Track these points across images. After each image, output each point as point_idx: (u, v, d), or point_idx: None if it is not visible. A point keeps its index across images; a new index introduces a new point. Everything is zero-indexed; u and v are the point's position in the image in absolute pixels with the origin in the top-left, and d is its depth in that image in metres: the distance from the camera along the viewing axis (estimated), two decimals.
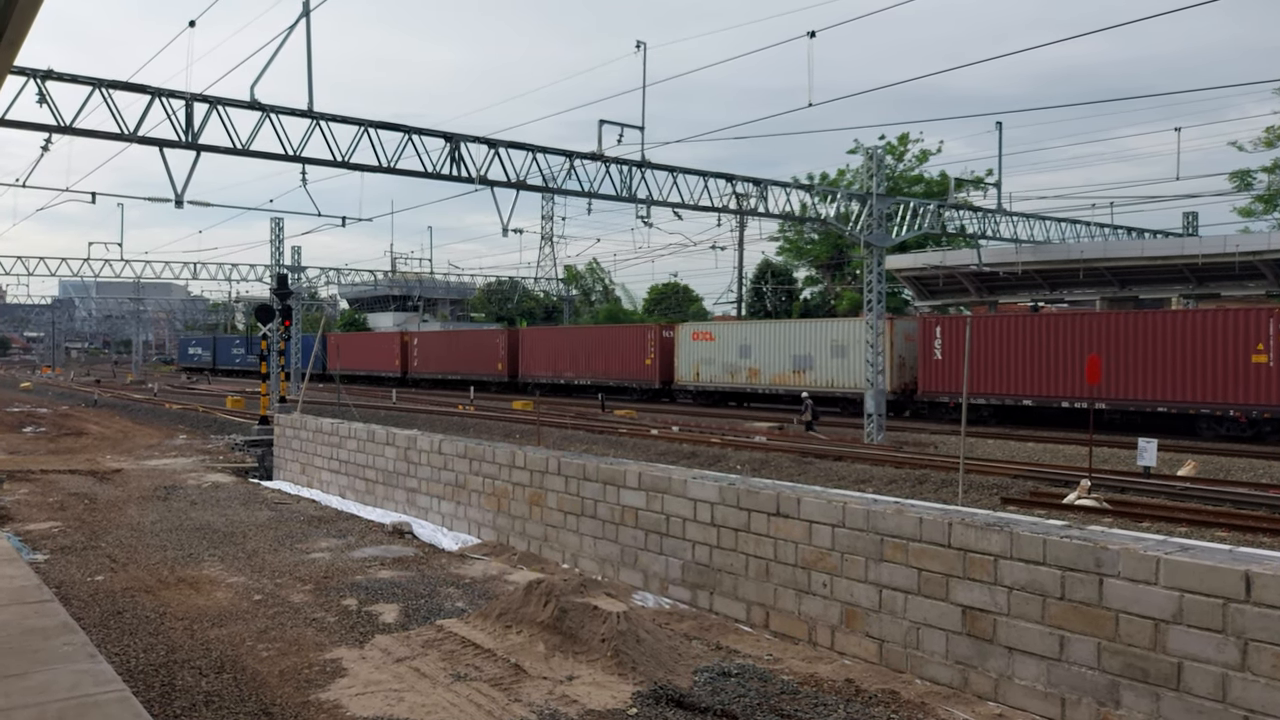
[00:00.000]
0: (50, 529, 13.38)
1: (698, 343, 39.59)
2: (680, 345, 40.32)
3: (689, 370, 39.89)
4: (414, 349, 58.42)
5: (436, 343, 57.88)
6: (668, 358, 41.54)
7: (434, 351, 56.88)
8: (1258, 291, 33.96)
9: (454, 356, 54.90)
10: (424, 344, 58.28)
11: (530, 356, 49.00)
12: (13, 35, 6.54)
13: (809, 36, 21.50)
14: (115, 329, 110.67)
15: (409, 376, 58.40)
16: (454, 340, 57.11)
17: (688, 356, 39.86)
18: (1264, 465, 20.91)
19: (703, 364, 39.23)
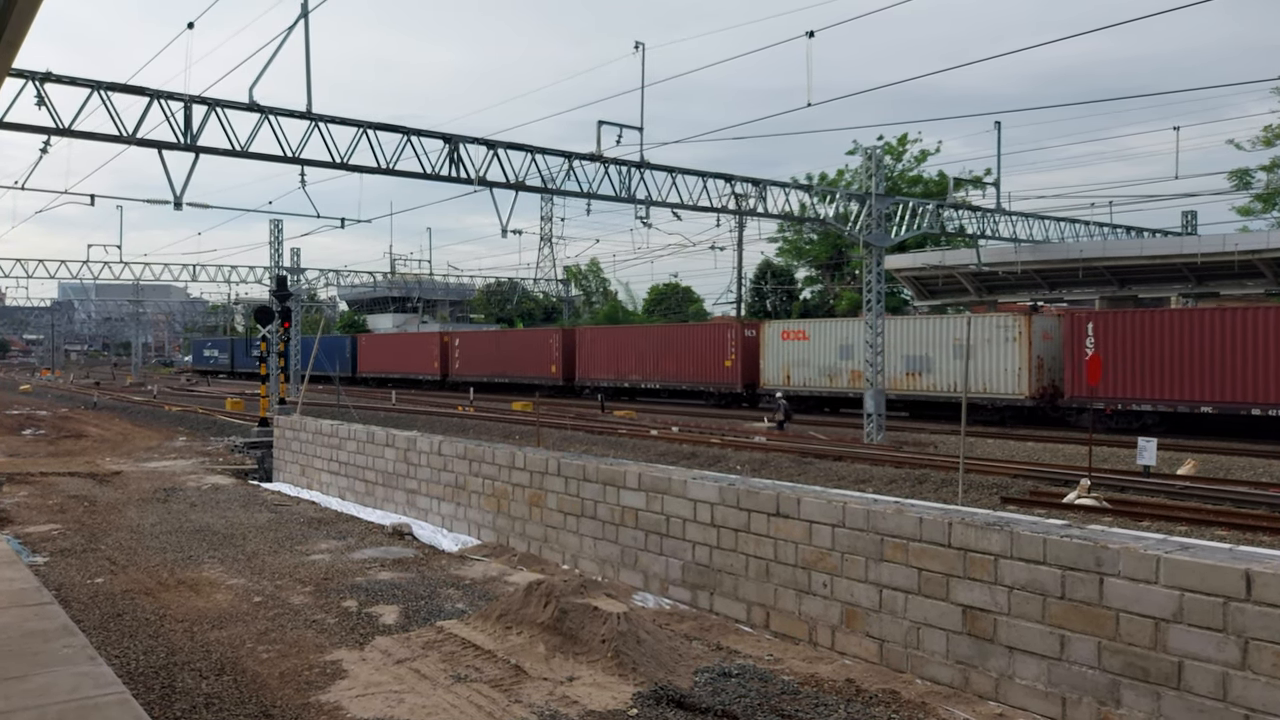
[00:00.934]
0: (50, 531, 13.37)
1: (788, 343, 36.28)
2: (767, 345, 36.95)
3: (777, 373, 36.43)
4: (455, 350, 55.09)
5: (481, 343, 54.30)
6: (751, 359, 38.25)
7: (478, 353, 53.49)
8: (1256, 290, 33.99)
9: (501, 358, 51.45)
10: (467, 345, 54.91)
11: (589, 358, 45.53)
12: (11, 37, 6.54)
13: (808, 36, 21.52)
14: (114, 331, 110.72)
15: (449, 380, 55.22)
16: (501, 341, 53.48)
17: (776, 358, 36.53)
18: (1264, 464, 20.91)
19: (794, 366, 35.92)
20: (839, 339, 34.63)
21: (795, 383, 35.99)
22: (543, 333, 51.37)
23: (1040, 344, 29.85)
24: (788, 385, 35.81)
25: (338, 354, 63.95)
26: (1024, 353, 29.35)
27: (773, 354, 36.85)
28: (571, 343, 47.04)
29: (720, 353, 39.27)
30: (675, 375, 41.39)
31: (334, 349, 64.82)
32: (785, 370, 36.36)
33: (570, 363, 46.90)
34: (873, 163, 27.90)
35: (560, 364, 47.28)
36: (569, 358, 46.93)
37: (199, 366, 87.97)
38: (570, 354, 46.85)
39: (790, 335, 36.59)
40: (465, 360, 54.05)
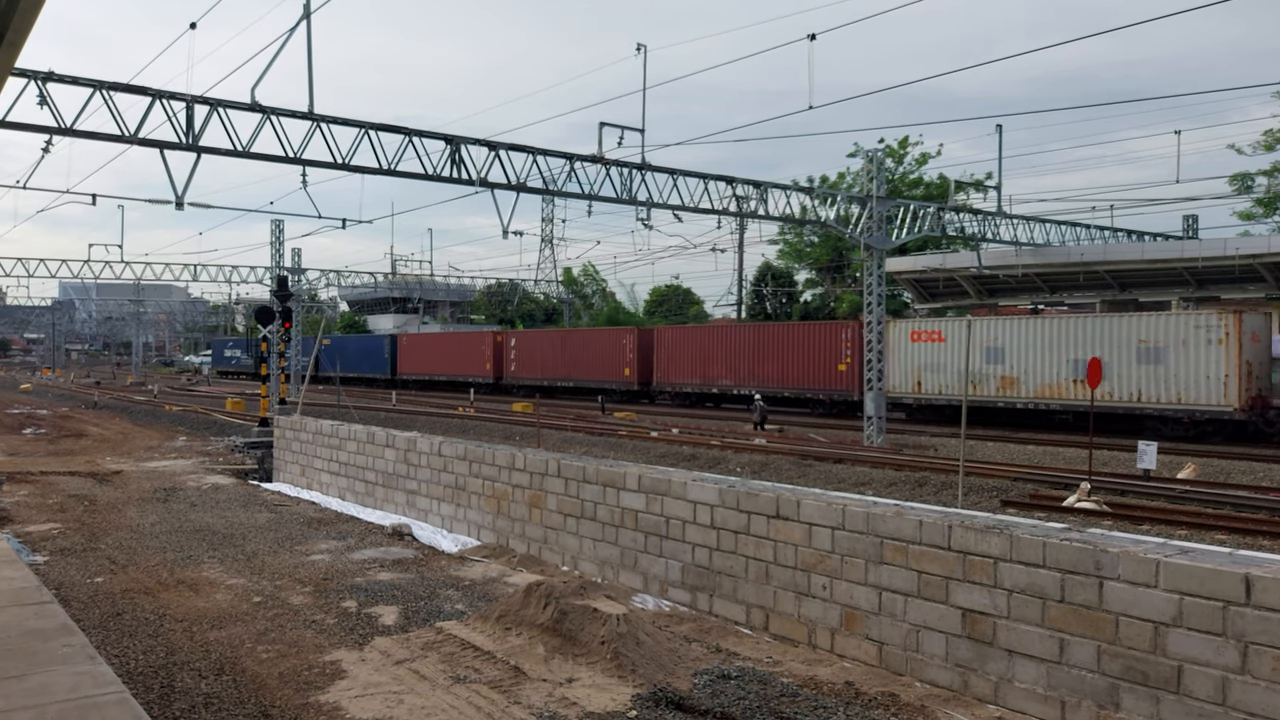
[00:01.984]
0: (50, 530, 13.37)
1: (919, 345, 32.00)
2: (892, 348, 32.50)
3: (906, 378, 32.25)
4: (511, 350, 51.23)
5: (541, 344, 49.95)
6: None
7: (538, 354, 49.33)
8: (1257, 295, 34.00)
9: (565, 360, 47.44)
10: (525, 345, 50.80)
11: (669, 360, 41.62)
12: (14, 36, 6.55)
13: (809, 39, 21.55)
14: (115, 331, 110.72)
15: (504, 383, 51.33)
16: (566, 341, 48.77)
17: (904, 361, 32.33)
18: (1264, 468, 20.90)
19: (927, 371, 31.67)
20: (986, 340, 30.29)
21: (928, 390, 31.84)
22: (615, 332, 47.40)
23: (1250, 347, 25.92)
24: (919, 393, 32.00)
25: (374, 355, 62.12)
26: (1232, 356, 25.17)
27: (899, 357, 32.42)
28: (649, 344, 42.95)
29: (832, 355, 35.09)
30: (776, 380, 36.87)
31: (370, 349, 62.97)
32: (915, 375, 32.02)
33: (646, 365, 43.00)
34: (873, 165, 27.91)
35: (635, 367, 43.27)
36: (645, 360, 42.98)
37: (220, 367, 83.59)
38: (647, 356, 42.91)
39: (923, 336, 32.19)
40: (523, 362, 50.25)
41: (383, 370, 60.55)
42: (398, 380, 59.02)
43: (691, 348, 40.93)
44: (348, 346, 65.44)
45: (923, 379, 31.94)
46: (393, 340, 61.55)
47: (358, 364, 62.92)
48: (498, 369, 51.82)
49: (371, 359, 62.03)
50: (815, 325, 38.30)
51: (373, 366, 61.77)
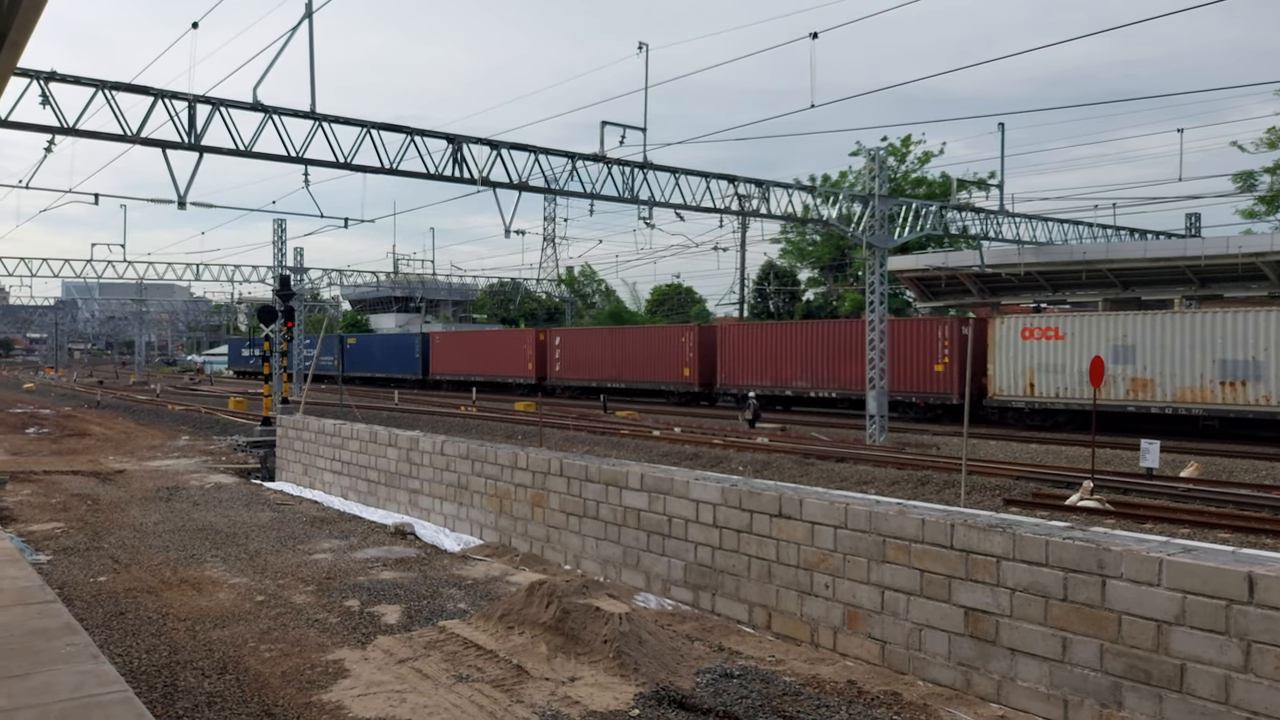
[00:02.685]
0: (53, 530, 13.39)
1: (1032, 342, 29.42)
2: (1000, 345, 30.00)
3: (1015, 379, 29.59)
4: (556, 350, 48.13)
5: (590, 342, 46.96)
6: (974, 361, 30.58)
7: (585, 353, 46.44)
8: (1260, 293, 33.96)
9: (617, 359, 44.43)
10: (571, 344, 47.70)
11: (735, 360, 38.91)
12: (16, 37, 6.56)
13: (811, 38, 21.56)
14: (118, 330, 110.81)
15: (548, 384, 48.47)
16: (617, 340, 45.38)
17: (1012, 360, 29.69)
18: (1267, 466, 20.88)
19: (1041, 371, 29.19)
20: (1113, 337, 27.62)
21: (1043, 392, 29.22)
22: (673, 330, 44.27)
23: None
24: (1031, 395, 29.41)
25: (404, 354, 59.61)
26: None
27: (1008, 356, 29.93)
28: (711, 342, 40.23)
29: (927, 354, 32.36)
30: (860, 382, 33.17)
31: (399, 348, 60.51)
32: (1027, 376, 29.48)
33: (709, 366, 40.29)
34: (876, 164, 27.90)
35: (696, 367, 40.56)
36: (707, 360, 40.34)
37: (238, 367, 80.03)
38: (709, 355, 40.25)
39: (1035, 333, 29.49)
40: (569, 362, 47.23)
41: (413, 370, 58.24)
42: (430, 381, 56.83)
43: (761, 347, 38.03)
44: (374, 346, 63.71)
45: (1036, 380, 29.41)
46: (424, 339, 58.86)
47: (386, 364, 60.85)
48: (541, 369, 49.02)
49: (401, 358, 59.69)
50: (908, 322, 35.33)
51: (402, 366, 59.37)
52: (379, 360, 61.39)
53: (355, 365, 62.67)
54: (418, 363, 57.86)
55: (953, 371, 31.41)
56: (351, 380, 61.42)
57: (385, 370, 60.66)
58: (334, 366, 64.12)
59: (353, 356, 63.34)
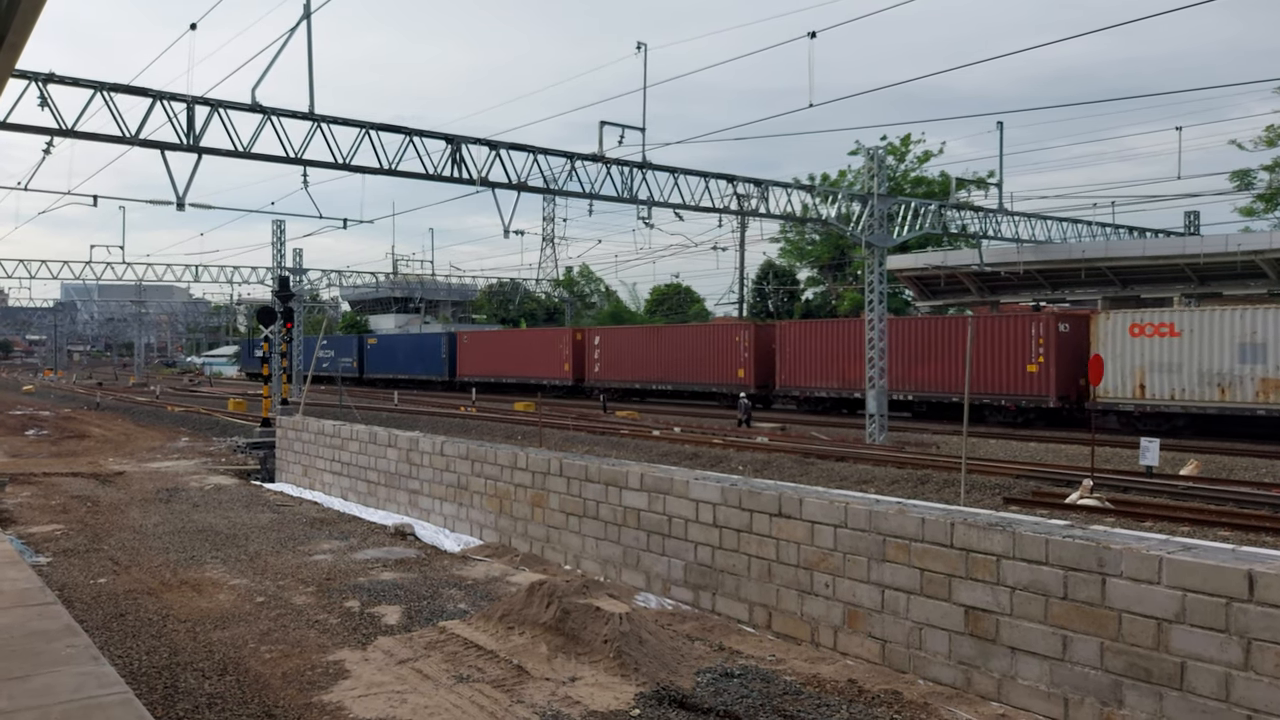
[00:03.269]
0: (53, 532, 13.39)
1: (1142, 340, 26.98)
2: (1105, 343, 27.46)
3: (1124, 380, 27.07)
4: (594, 350, 45.62)
5: (634, 342, 44.18)
6: (1074, 362, 28.95)
7: (628, 353, 43.84)
8: (1259, 291, 33.96)
9: (662, 360, 41.93)
10: (612, 344, 45.04)
11: (794, 360, 36.26)
12: (14, 39, 6.56)
13: (810, 37, 21.54)
14: (117, 331, 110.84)
15: (586, 385, 46.01)
16: (664, 340, 42.67)
17: (1121, 359, 27.13)
18: (1267, 465, 20.88)
19: (1155, 371, 26.68)
20: (1236, 333, 25.25)
21: (1155, 394, 26.64)
22: (727, 329, 41.56)
23: None
24: (1141, 397, 26.90)
25: (430, 355, 57.44)
26: None
27: (1116, 354, 27.37)
28: (769, 341, 37.87)
29: (1018, 354, 29.74)
30: (938, 384, 31.67)
31: (425, 349, 58.27)
32: (1138, 376, 26.98)
33: (765, 366, 37.86)
34: (875, 163, 27.90)
35: (751, 368, 38.17)
36: (764, 360, 37.93)
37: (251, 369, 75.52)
38: (766, 355, 37.85)
39: (1147, 329, 26.95)
40: (609, 362, 44.70)
41: (439, 371, 56.10)
42: (457, 383, 54.67)
43: (824, 346, 35.32)
44: (397, 346, 61.85)
45: (1148, 381, 26.93)
46: (451, 339, 56.73)
47: (410, 365, 58.90)
48: (578, 370, 46.48)
49: (426, 359, 57.50)
50: (996, 320, 32.06)
51: (427, 368, 57.30)
52: (402, 361, 59.77)
53: (377, 367, 61.72)
54: (444, 364, 55.86)
55: (1048, 372, 29.17)
56: (373, 383, 60.19)
57: (409, 371, 58.94)
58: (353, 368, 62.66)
59: (374, 358, 62.12)
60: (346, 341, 66.71)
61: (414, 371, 58.40)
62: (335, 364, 64.14)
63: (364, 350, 63.67)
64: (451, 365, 55.46)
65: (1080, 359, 28.45)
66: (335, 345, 66.83)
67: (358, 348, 64.04)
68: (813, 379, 35.73)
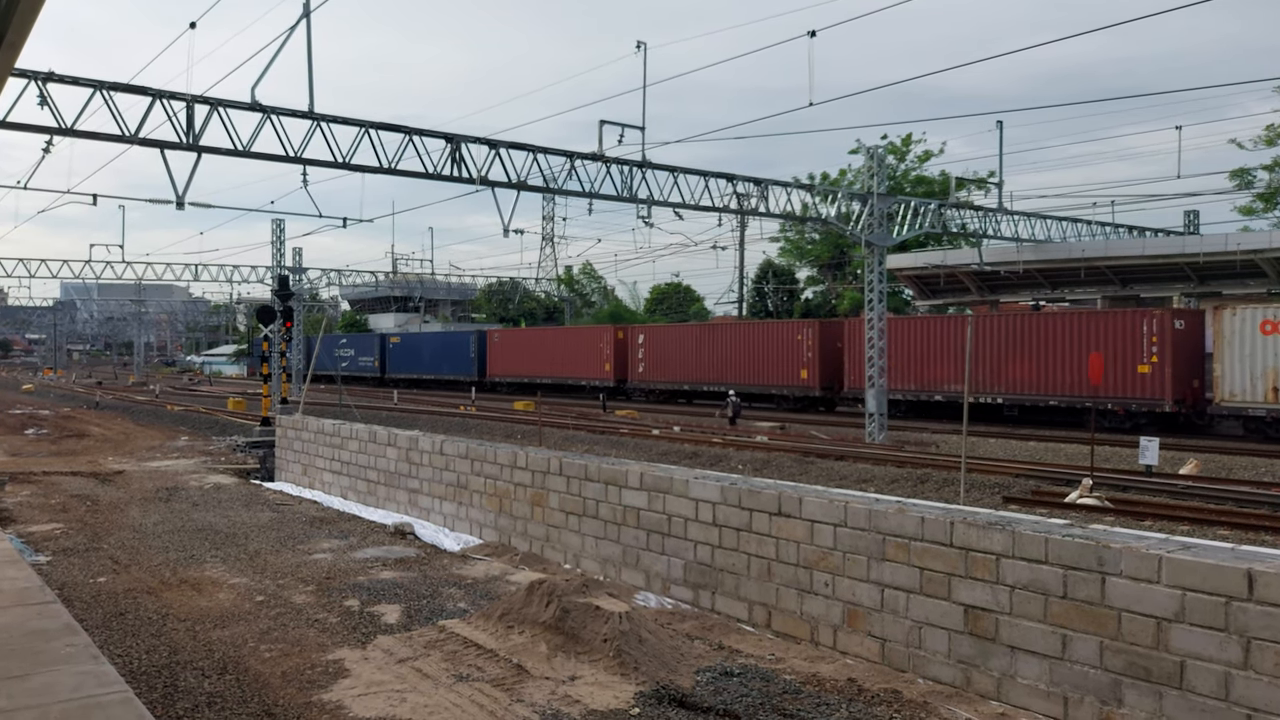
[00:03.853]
0: (52, 531, 13.39)
1: (1275, 338, 24.57)
2: (1232, 341, 25.24)
3: (1254, 382, 24.91)
4: (639, 349, 43.06)
5: (682, 341, 41.63)
6: (1190, 362, 26.97)
7: (676, 353, 41.47)
8: (1259, 290, 33.97)
9: (715, 360, 39.57)
10: (657, 343, 42.64)
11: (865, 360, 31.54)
12: (13, 37, 6.56)
13: (809, 36, 21.53)
14: (117, 331, 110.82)
15: (629, 386, 43.45)
16: (718, 338, 40.06)
17: (1248, 360, 24.98)
18: (1266, 464, 20.89)
19: None
20: None
21: None
22: (788, 326, 38.62)
23: None
24: (1274, 401, 24.67)
25: (457, 354, 55.59)
26: None
27: (1241, 354, 25.29)
28: (836, 339, 35.39)
29: (1129, 353, 27.46)
30: (1035, 385, 29.27)
31: (451, 347, 56.39)
32: (1269, 378, 24.56)
33: (832, 367, 35.46)
34: (875, 162, 27.90)
35: (816, 368, 35.68)
36: (830, 360, 35.45)
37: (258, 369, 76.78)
38: (833, 355, 35.39)
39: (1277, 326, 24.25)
40: (656, 363, 42.25)
41: (468, 371, 54.11)
42: (487, 383, 52.54)
43: (902, 344, 32.61)
44: (421, 345, 59.97)
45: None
46: (481, 337, 54.53)
47: (436, 364, 57.06)
48: (620, 371, 44.11)
49: (454, 359, 55.65)
50: (1102, 316, 29.59)
51: (455, 367, 55.46)
52: (427, 361, 57.95)
53: (400, 366, 60.16)
54: (472, 363, 53.82)
55: (1163, 373, 26.86)
56: (396, 383, 58.53)
57: (435, 371, 57.10)
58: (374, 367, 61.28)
59: (396, 357, 60.47)
60: (367, 340, 65.22)
61: (440, 371, 56.69)
62: (355, 363, 63.20)
63: (386, 349, 62.04)
64: (481, 365, 53.40)
65: (1197, 359, 26.91)
66: (355, 344, 65.42)
67: (379, 347, 62.43)
68: (892, 379, 31.78)
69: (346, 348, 65.20)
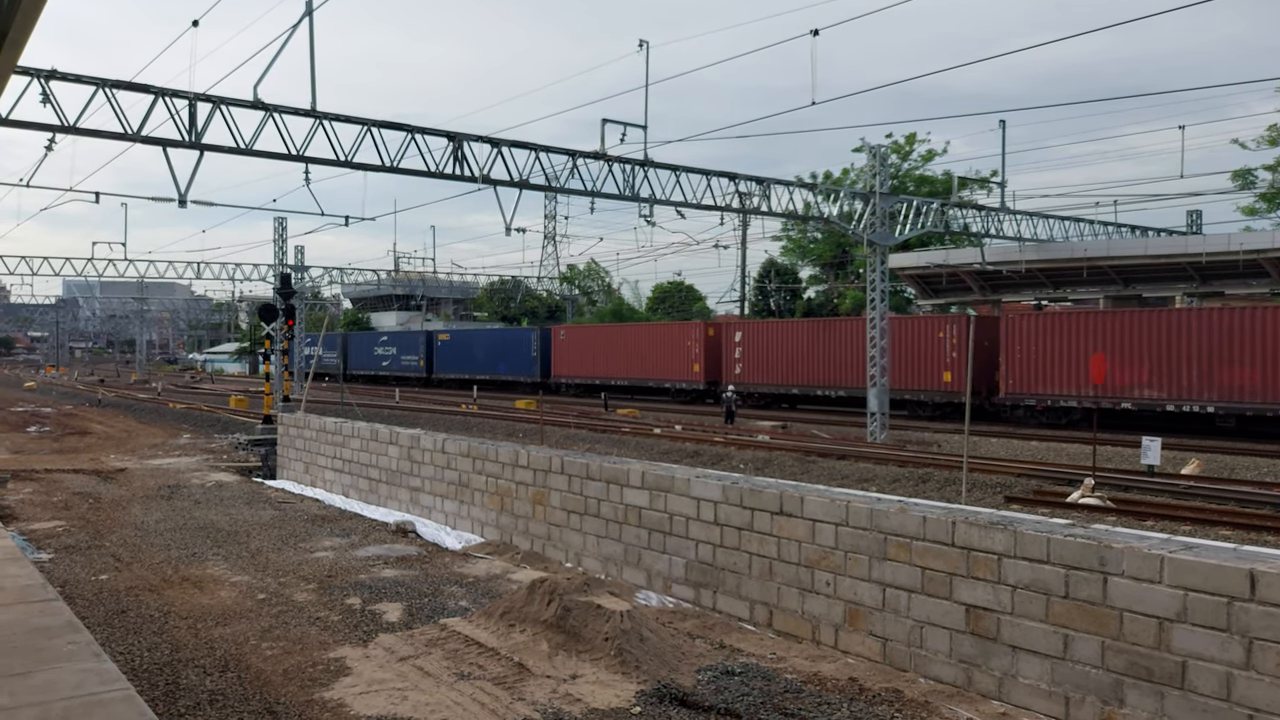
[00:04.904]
0: (55, 528, 13.40)
1: None
2: None
3: None
4: (734, 348, 38.29)
5: (791, 339, 36.60)
6: None
7: (782, 352, 36.60)
8: (1261, 290, 33.92)
9: (829, 361, 34.78)
10: (758, 341, 37.78)
11: (1029, 360, 29.01)
12: (16, 35, 6.56)
13: (812, 35, 21.52)
14: (119, 329, 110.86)
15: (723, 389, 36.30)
16: (829, 336, 35.03)
17: None
18: (1268, 464, 20.86)
19: None
20: None
21: None
22: (929, 322, 33.33)
23: None
24: None
25: (516, 352, 51.17)
26: None
27: None
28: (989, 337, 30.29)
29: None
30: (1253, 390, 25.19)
31: (510, 345, 52.06)
32: None
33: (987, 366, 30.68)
34: (877, 161, 27.87)
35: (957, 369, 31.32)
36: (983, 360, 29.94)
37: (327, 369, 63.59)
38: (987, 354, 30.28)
39: None
40: (756, 364, 37.56)
41: (528, 371, 49.91)
42: (550, 384, 48.24)
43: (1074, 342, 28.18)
44: (474, 343, 55.28)
45: None
46: (544, 335, 49.69)
47: (491, 364, 52.58)
48: (713, 372, 39.48)
49: (512, 358, 51.21)
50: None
51: (513, 367, 50.99)
52: (480, 360, 53.49)
53: (448, 366, 56.21)
54: (534, 363, 49.54)
55: None
56: (444, 383, 55.50)
57: (490, 371, 52.46)
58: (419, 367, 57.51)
59: (445, 356, 56.48)
60: (411, 338, 61.02)
61: (496, 371, 52.14)
62: (398, 363, 59.79)
63: (433, 347, 57.84)
64: (544, 365, 48.92)
65: None
66: (397, 342, 61.59)
67: (425, 345, 58.23)
68: (1052, 383, 28.28)
69: (388, 345, 61.73)
